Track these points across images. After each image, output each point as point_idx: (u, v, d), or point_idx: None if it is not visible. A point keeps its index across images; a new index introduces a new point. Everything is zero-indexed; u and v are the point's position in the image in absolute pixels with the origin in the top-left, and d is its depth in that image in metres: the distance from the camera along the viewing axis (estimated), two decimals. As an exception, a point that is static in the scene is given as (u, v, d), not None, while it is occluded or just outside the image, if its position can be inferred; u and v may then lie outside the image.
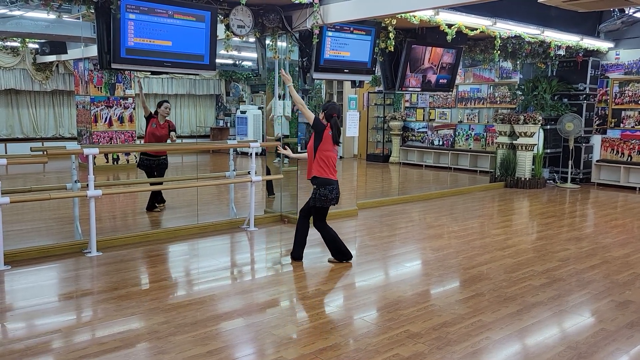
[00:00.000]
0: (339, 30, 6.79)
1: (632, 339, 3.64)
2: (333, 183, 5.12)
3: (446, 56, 8.63)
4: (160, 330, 3.67)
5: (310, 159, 5.20)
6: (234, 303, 4.25)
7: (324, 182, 5.10)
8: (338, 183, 5.20)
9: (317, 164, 5.13)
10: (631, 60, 10.32)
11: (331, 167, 5.14)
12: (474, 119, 12.97)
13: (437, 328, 3.76)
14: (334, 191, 5.13)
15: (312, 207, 5.21)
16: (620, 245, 6.14)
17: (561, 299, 4.38)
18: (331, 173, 5.13)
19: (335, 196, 5.14)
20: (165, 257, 5.73)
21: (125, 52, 5.36)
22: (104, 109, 12.07)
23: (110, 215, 7.69)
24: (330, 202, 5.14)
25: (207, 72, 7.03)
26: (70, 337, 3.59)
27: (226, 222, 6.84)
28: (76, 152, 5.62)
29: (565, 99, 10.75)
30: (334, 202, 5.20)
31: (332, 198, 5.12)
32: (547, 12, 8.31)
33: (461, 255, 5.66)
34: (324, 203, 5.13)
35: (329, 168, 5.12)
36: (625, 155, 10.43)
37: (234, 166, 7.00)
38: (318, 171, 5.12)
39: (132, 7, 5.28)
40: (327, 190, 5.09)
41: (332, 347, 3.45)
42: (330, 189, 5.10)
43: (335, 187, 5.15)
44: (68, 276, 4.92)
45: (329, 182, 5.10)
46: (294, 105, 7.40)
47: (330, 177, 5.11)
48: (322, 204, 5.13)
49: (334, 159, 5.16)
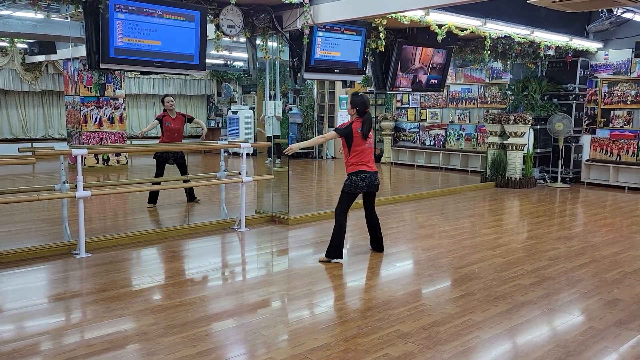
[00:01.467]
0: (330, 30, 6.79)
1: (620, 337, 3.66)
2: (366, 172, 5.24)
3: (437, 56, 8.66)
4: (149, 332, 3.65)
5: (345, 158, 5.36)
6: (224, 304, 4.24)
7: (356, 172, 5.25)
8: (376, 174, 5.33)
9: (352, 161, 5.28)
10: (620, 61, 10.41)
11: (366, 159, 5.27)
12: (465, 119, 13.03)
13: (427, 327, 3.76)
14: (366, 179, 5.23)
15: (342, 192, 5.32)
16: (609, 244, 6.19)
17: (550, 298, 4.40)
18: (365, 164, 5.25)
19: (368, 184, 5.25)
20: (155, 258, 5.70)
21: (114, 52, 5.33)
22: (94, 109, 11.99)
23: (100, 216, 7.64)
24: (361, 189, 5.27)
25: (198, 73, 7.04)
26: (59, 339, 3.56)
27: (217, 222, 6.82)
28: (64, 153, 5.58)
29: (555, 99, 10.82)
30: (365, 190, 5.31)
31: (363, 186, 5.25)
32: (536, 12, 8.36)
33: (452, 254, 5.67)
34: (354, 190, 5.27)
35: (363, 161, 5.26)
36: (614, 154, 10.51)
37: (225, 166, 6.98)
38: (353, 167, 5.27)
39: (120, 7, 5.25)
40: (359, 177, 5.22)
41: (322, 347, 3.45)
42: (363, 177, 5.22)
43: (368, 176, 5.25)
44: (56, 278, 4.89)
45: (361, 171, 5.23)
46: (284, 105, 7.40)
47: (363, 168, 5.24)
48: (352, 190, 5.27)
49: (368, 152, 5.30)
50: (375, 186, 5.36)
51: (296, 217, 7.15)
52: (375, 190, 5.42)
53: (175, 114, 7.79)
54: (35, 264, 5.19)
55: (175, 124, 7.75)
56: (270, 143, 7.30)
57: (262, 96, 7.25)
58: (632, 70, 10.23)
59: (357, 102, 5.26)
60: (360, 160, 5.25)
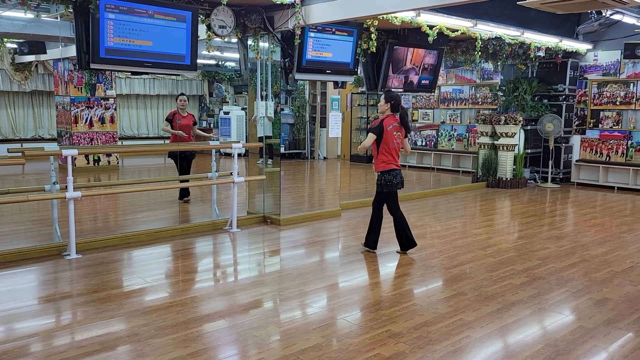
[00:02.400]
0: (321, 31, 6.79)
1: (609, 336, 3.69)
2: (397, 170, 5.46)
3: (428, 57, 8.68)
4: (140, 333, 3.63)
5: (374, 155, 5.52)
6: (216, 305, 4.23)
7: (388, 171, 5.43)
8: (401, 171, 5.56)
9: (382, 159, 5.43)
10: (609, 62, 10.50)
11: (394, 157, 5.47)
12: (456, 120, 13.08)
13: (418, 327, 3.78)
14: (398, 177, 5.45)
15: (380, 193, 5.54)
16: (598, 244, 6.24)
17: (540, 297, 4.43)
18: (394, 163, 5.44)
19: (400, 180, 5.48)
20: (146, 259, 5.67)
21: (105, 52, 5.30)
22: (85, 109, 11.92)
23: (91, 217, 7.60)
24: (396, 186, 5.46)
25: (189, 73, 7.02)
26: (49, 340, 3.54)
27: (208, 223, 6.80)
28: (54, 153, 5.55)
29: (545, 100, 10.90)
30: (400, 187, 5.52)
31: (397, 183, 5.45)
32: (526, 13, 8.41)
33: (443, 254, 5.70)
34: (390, 188, 5.45)
35: (393, 160, 5.45)
36: (603, 155, 10.59)
37: (217, 167, 6.96)
38: (385, 165, 5.43)
39: (111, 7, 5.22)
40: (391, 175, 5.42)
41: (313, 347, 3.45)
42: (395, 174, 5.43)
43: (399, 173, 5.48)
44: (47, 279, 4.85)
45: (393, 170, 5.43)
46: (276, 105, 7.39)
47: (393, 167, 5.43)
48: (388, 188, 5.45)
49: (396, 150, 5.48)
50: (403, 183, 5.56)
51: (288, 218, 7.14)
52: (402, 187, 5.61)
53: (186, 112, 8.16)
54: (25, 265, 5.15)
55: (184, 121, 8.07)
56: (261, 144, 7.29)
57: (253, 97, 7.24)
58: (621, 71, 10.32)
59: (393, 96, 5.45)
60: (390, 159, 5.41)
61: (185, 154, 8.03)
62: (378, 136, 5.39)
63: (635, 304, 4.31)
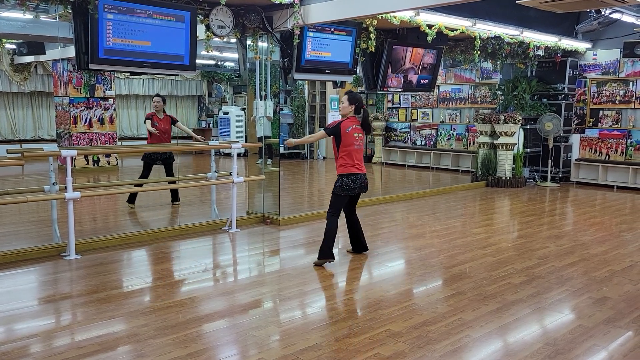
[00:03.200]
0: (320, 30, 6.80)
1: (609, 335, 3.70)
2: (357, 174, 5.21)
3: (427, 56, 8.69)
4: (140, 333, 3.63)
5: (335, 158, 5.32)
6: (216, 305, 4.23)
7: (346, 175, 5.21)
8: (365, 175, 5.30)
9: (342, 162, 5.23)
10: (608, 61, 10.50)
11: (355, 160, 5.22)
12: (455, 119, 13.08)
13: (417, 327, 3.78)
14: (357, 181, 5.22)
15: (334, 194, 5.27)
16: (598, 243, 6.24)
17: (540, 297, 4.43)
18: (355, 166, 5.21)
19: (360, 185, 5.24)
20: (145, 259, 5.68)
21: (104, 53, 5.30)
22: (84, 110, 11.92)
23: (90, 218, 7.60)
24: (353, 191, 5.23)
25: (188, 73, 7.01)
26: (48, 341, 3.54)
27: (208, 223, 6.80)
28: (54, 154, 5.55)
29: (544, 99, 10.90)
30: (359, 191, 5.30)
31: (354, 188, 5.21)
32: (525, 13, 8.41)
33: (443, 254, 5.70)
34: (347, 192, 5.22)
35: (353, 162, 5.21)
36: (603, 154, 10.60)
37: (216, 167, 6.96)
38: (343, 168, 5.22)
39: (110, 7, 5.22)
40: (350, 179, 5.19)
41: (313, 347, 3.45)
42: (354, 179, 5.20)
43: (359, 177, 5.23)
44: (46, 280, 4.85)
45: (352, 174, 5.20)
46: (275, 105, 7.40)
47: (354, 170, 5.20)
48: (344, 192, 5.22)
49: (358, 153, 5.25)
50: (365, 188, 5.34)
51: (287, 218, 7.14)
52: (364, 191, 5.39)
53: (162, 114, 7.75)
54: (24, 266, 5.15)
55: (162, 124, 7.70)
56: (261, 144, 7.29)
57: (253, 97, 7.24)
58: (621, 70, 10.32)
59: (357, 98, 5.26)
60: (350, 162, 5.20)
61: (165, 157, 7.70)
62: (336, 138, 5.18)
63: (634, 303, 4.31)
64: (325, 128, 5.37)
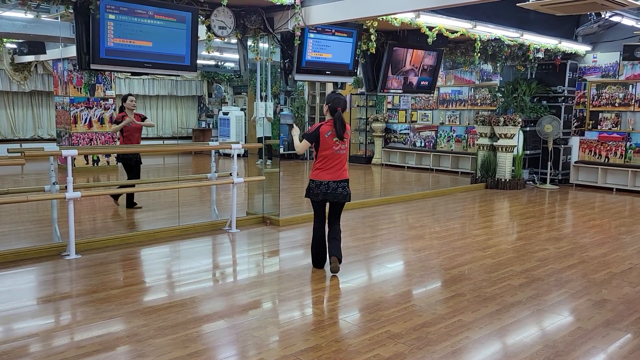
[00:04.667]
0: (321, 32, 6.81)
1: (608, 337, 3.70)
2: (322, 181, 4.88)
3: (427, 58, 8.70)
4: (140, 333, 3.64)
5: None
6: (215, 305, 4.24)
7: (313, 180, 4.94)
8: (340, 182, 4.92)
9: (316, 166, 4.97)
10: (608, 64, 10.52)
11: (329, 165, 4.90)
12: (455, 121, 13.09)
13: (417, 328, 3.78)
14: (322, 187, 4.88)
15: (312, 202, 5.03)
16: (597, 245, 6.25)
17: (539, 299, 4.44)
18: (326, 171, 4.90)
19: (322, 192, 4.88)
20: (145, 259, 5.68)
21: (105, 53, 5.31)
22: (84, 109, 11.92)
23: (90, 218, 7.60)
24: (316, 197, 4.91)
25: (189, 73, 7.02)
26: (48, 340, 3.54)
27: (208, 224, 6.81)
28: (54, 154, 5.55)
29: (544, 101, 10.91)
30: (320, 199, 4.93)
31: (317, 193, 4.89)
32: (526, 15, 8.42)
33: (442, 255, 5.71)
34: (312, 197, 4.95)
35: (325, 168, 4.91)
36: (602, 156, 10.61)
37: (216, 167, 6.97)
38: (313, 173, 4.97)
39: (111, 8, 5.23)
40: (314, 184, 4.90)
41: (313, 348, 3.46)
42: (318, 184, 4.88)
43: (325, 184, 4.87)
44: (46, 279, 4.85)
45: (318, 180, 4.90)
46: (275, 106, 7.40)
47: (322, 176, 4.89)
48: (309, 197, 4.97)
49: (335, 158, 4.91)
50: (336, 196, 4.90)
51: (287, 218, 7.15)
52: (337, 199, 4.94)
53: (133, 114, 7.66)
54: (24, 265, 5.16)
55: (134, 124, 7.61)
56: (261, 144, 7.30)
57: (253, 97, 7.25)
58: (620, 73, 10.34)
59: (331, 99, 4.92)
60: (323, 167, 4.90)
61: (136, 158, 7.64)
62: (315, 142, 4.89)
63: (633, 305, 4.32)
64: (304, 135, 4.99)
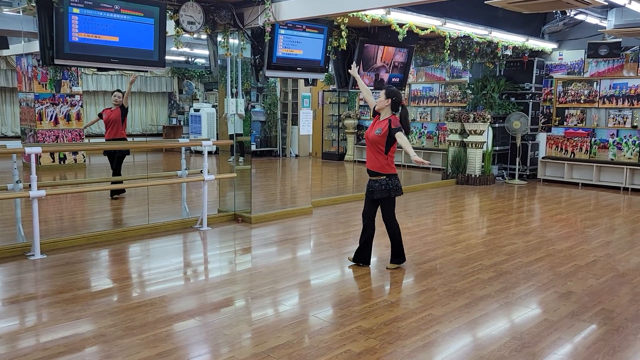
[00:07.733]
0: (292, 28, 6.77)
1: (573, 328, 3.79)
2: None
3: (398, 55, 8.75)
4: (107, 334, 3.57)
5: (383, 159, 4.96)
6: (186, 304, 4.18)
7: (395, 175, 5.01)
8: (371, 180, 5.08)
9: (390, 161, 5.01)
10: (573, 61, 10.76)
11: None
12: (426, 117, 13.22)
13: (388, 323, 3.81)
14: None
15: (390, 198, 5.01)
16: (563, 239, 6.39)
17: (508, 292, 4.52)
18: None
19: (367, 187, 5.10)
20: (113, 258, 5.57)
21: (69, 48, 5.18)
22: (49, 106, 11.62)
23: (56, 217, 7.42)
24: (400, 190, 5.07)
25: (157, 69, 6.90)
26: (13, 342, 3.44)
27: (178, 221, 6.72)
28: (17, 151, 5.40)
29: (512, 98, 11.10)
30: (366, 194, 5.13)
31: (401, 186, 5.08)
32: (494, 13, 8.55)
33: (413, 251, 5.75)
34: (397, 192, 5.02)
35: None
36: (568, 152, 10.86)
37: (187, 165, 6.88)
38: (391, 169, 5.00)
39: (76, 2, 5.10)
40: (397, 179, 5.01)
41: (284, 345, 3.45)
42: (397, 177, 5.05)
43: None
44: (10, 280, 4.72)
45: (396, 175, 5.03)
46: (247, 103, 7.34)
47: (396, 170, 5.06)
48: (396, 193, 5.03)
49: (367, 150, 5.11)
50: (370, 192, 5.08)
51: (259, 216, 7.11)
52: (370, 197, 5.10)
53: (114, 107, 8.11)
54: (-14, 266, 5.01)
55: (110, 115, 8.03)
56: (232, 141, 7.24)
57: (224, 94, 7.17)
58: (585, 70, 10.59)
59: (392, 92, 4.95)
60: (393, 161, 5.06)
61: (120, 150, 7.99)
62: (390, 137, 4.90)
63: (598, 297, 4.43)
64: (398, 128, 4.89)
